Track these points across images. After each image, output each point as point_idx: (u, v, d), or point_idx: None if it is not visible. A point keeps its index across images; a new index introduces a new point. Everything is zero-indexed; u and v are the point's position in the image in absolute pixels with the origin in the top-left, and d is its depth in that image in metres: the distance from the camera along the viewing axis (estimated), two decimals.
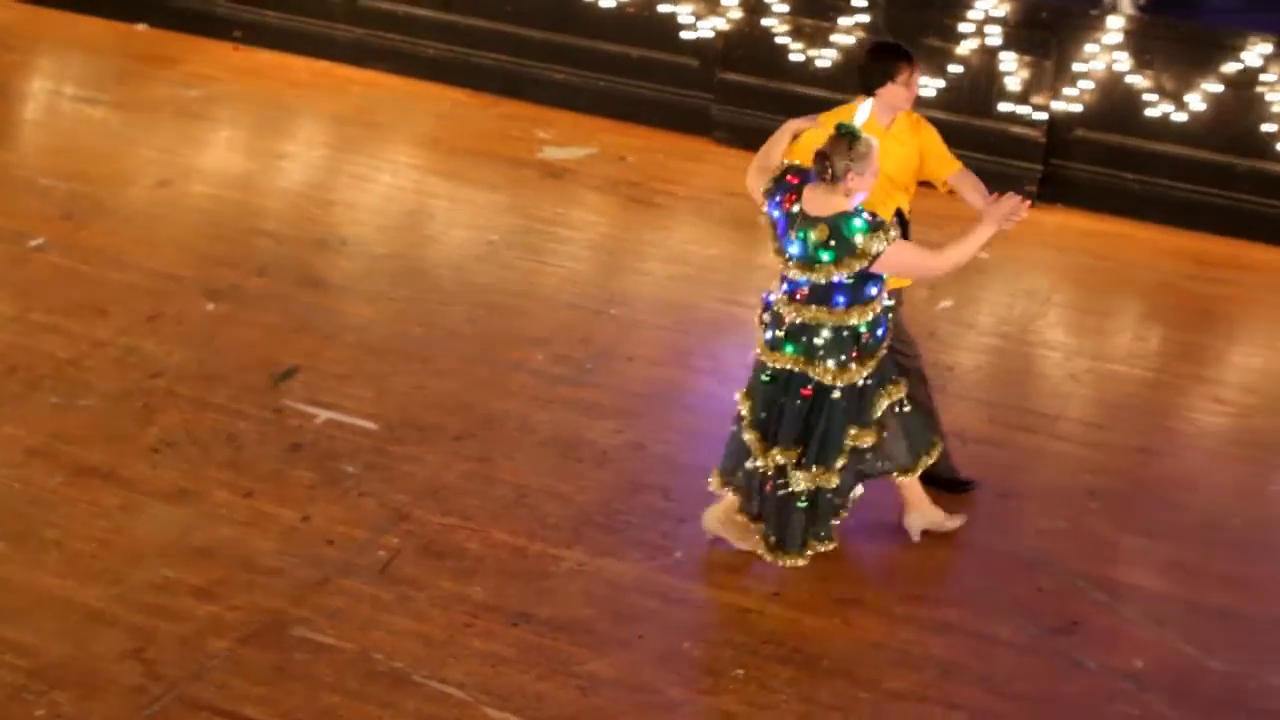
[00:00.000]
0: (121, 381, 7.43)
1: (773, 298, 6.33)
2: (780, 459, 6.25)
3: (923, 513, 6.62)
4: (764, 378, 6.31)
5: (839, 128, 6.01)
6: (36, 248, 8.44)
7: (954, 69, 9.40)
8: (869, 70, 6.59)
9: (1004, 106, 9.35)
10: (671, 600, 6.30)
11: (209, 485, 6.80)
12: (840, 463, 6.24)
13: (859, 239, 5.98)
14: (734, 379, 7.62)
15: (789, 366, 6.21)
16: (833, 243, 6.00)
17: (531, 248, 8.75)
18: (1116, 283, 8.73)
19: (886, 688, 5.89)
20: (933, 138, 6.70)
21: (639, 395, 7.54)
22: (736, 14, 9.79)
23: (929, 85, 9.43)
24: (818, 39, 9.65)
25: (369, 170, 9.47)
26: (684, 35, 9.98)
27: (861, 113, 6.32)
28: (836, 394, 6.17)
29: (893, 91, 6.51)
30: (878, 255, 6.01)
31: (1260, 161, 9.02)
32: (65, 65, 10.70)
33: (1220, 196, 9.13)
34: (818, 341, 6.14)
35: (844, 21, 9.55)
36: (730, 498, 6.52)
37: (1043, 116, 9.32)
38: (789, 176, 6.21)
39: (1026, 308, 8.44)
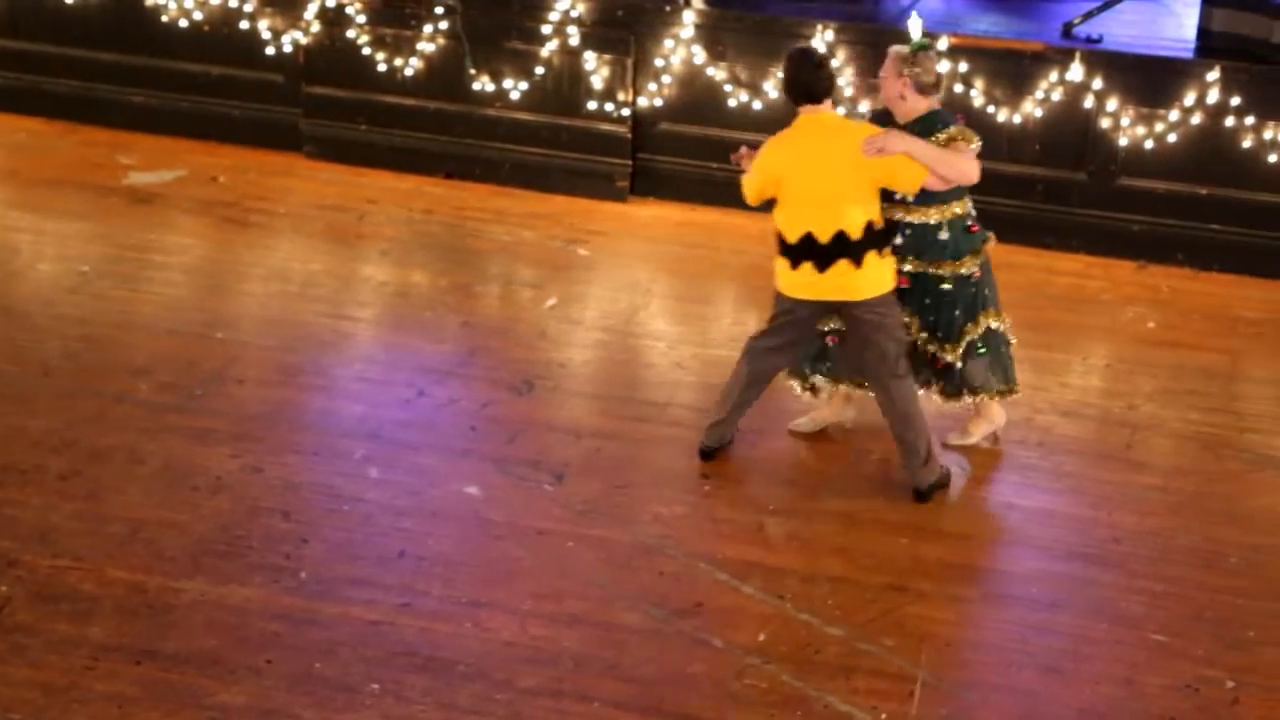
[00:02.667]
0: None
1: None
2: None
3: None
4: None
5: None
6: None
7: (539, 70, 9.53)
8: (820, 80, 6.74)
9: (591, 105, 9.53)
10: (299, 622, 6.22)
11: None
12: None
13: None
14: (345, 393, 7.63)
15: None
16: None
17: (125, 276, 8.52)
18: (711, 269, 9.00)
19: (521, 686, 5.95)
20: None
21: (252, 418, 7.42)
22: (316, 27, 9.72)
23: (515, 88, 9.55)
24: (402, 48, 9.66)
25: None
26: (266, 51, 9.85)
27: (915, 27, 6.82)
28: None
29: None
30: None
31: None
32: None
33: None
34: None
35: (426, 29, 9.58)
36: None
37: (627, 113, 9.54)
38: None
39: (629, 300, 8.62)
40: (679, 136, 9.61)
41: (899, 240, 6.97)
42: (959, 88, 9.08)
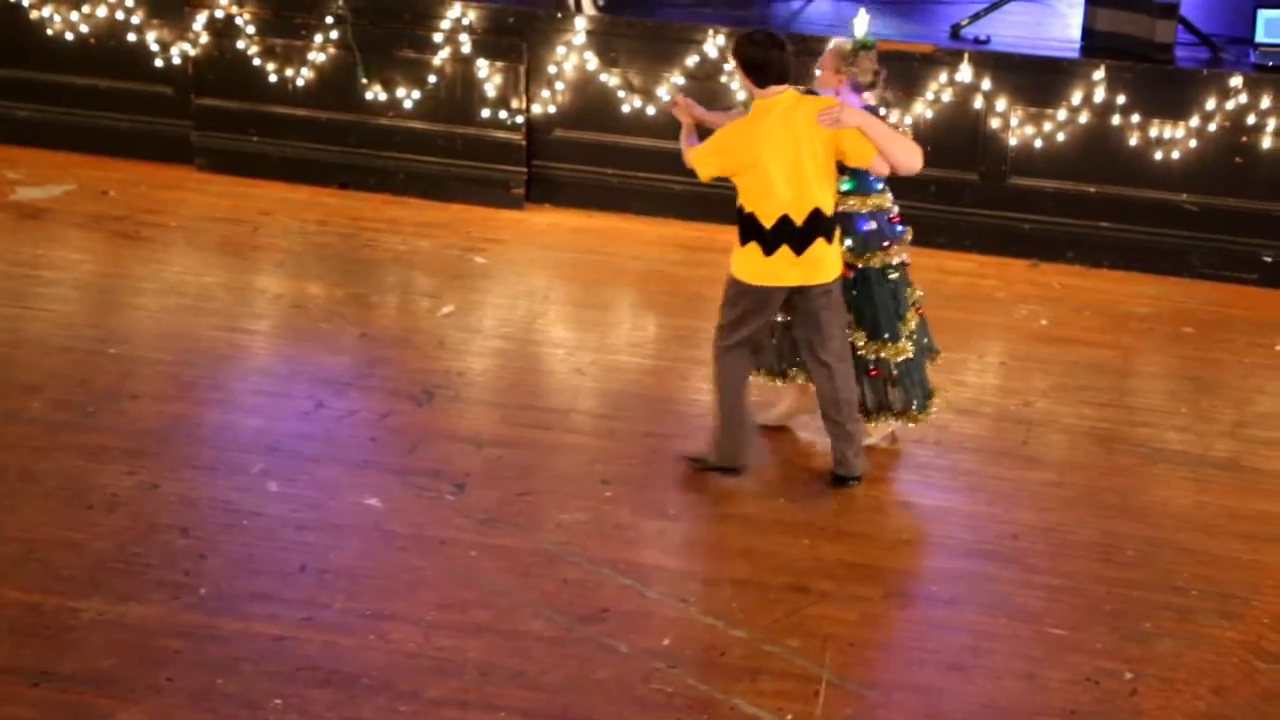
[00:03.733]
0: None
1: None
2: None
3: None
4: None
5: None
6: None
7: (431, 79, 9.51)
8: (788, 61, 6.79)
9: (484, 113, 9.51)
10: (199, 638, 6.16)
11: None
12: None
13: None
14: (243, 407, 7.56)
15: None
16: None
17: (14, 293, 8.40)
18: (609, 275, 9.01)
19: (427, 697, 5.92)
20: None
21: (148, 433, 7.34)
22: (205, 38, 9.64)
23: (407, 97, 9.52)
24: (292, 58, 9.59)
25: None
26: (155, 63, 9.75)
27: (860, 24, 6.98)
28: None
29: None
30: None
31: None
32: None
33: (696, 184, 9.49)
34: None
35: (317, 39, 9.52)
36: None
37: (521, 120, 9.53)
38: None
39: (528, 308, 8.61)
40: (573, 143, 9.61)
41: None
42: None
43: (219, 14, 9.55)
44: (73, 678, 5.92)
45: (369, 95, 9.57)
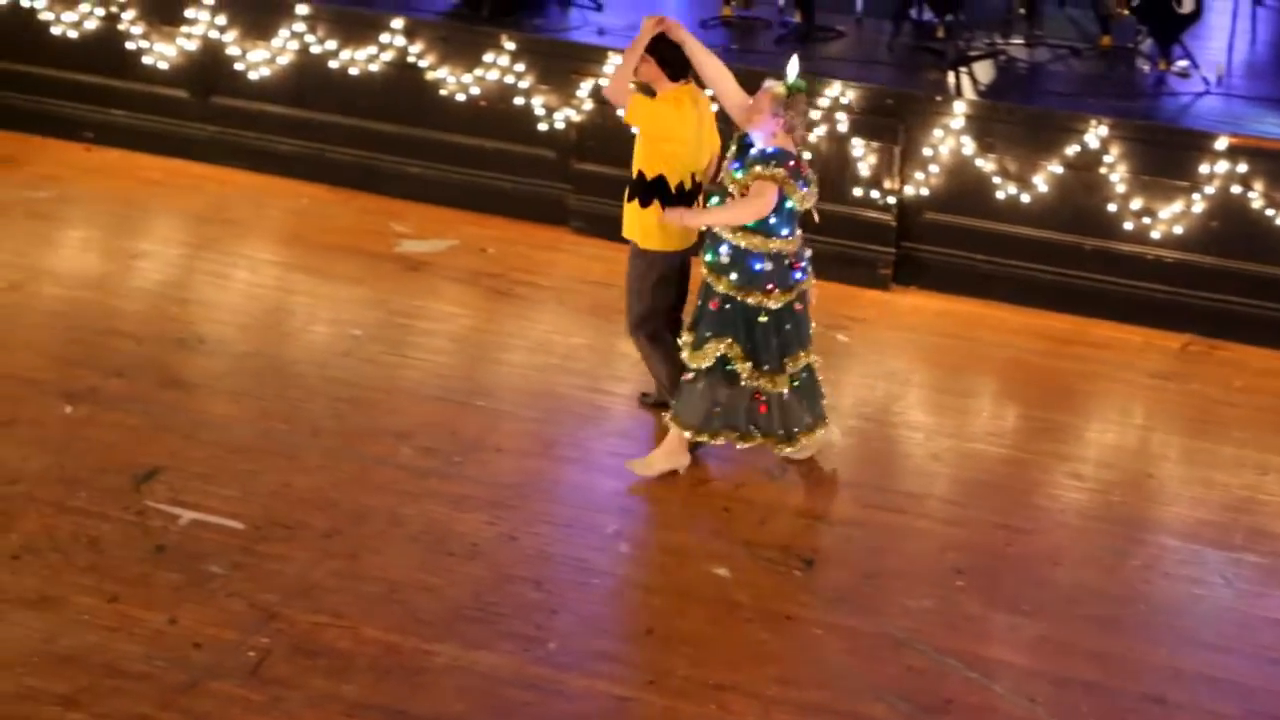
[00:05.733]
0: None
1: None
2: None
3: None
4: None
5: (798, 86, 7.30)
6: None
7: (805, 155, 9.54)
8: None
9: (856, 191, 9.53)
10: (547, 692, 6.28)
11: (71, 590, 6.68)
12: None
13: None
14: (601, 468, 7.70)
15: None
16: None
17: (394, 342, 8.74)
18: (971, 362, 8.91)
19: None
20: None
21: (508, 487, 7.53)
22: (589, 105, 9.90)
23: None
24: None
25: (226, 267, 9.41)
26: (539, 127, 10.06)
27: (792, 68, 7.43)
28: None
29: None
30: None
31: (1104, 241, 9.27)
32: None
33: (1067, 275, 9.37)
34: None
35: None
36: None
37: (893, 200, 9.52)
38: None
39: (887, 388, 8.57)
40: (944, 226, 9.55)
41: (723, 257, 7.40)
42: (1237, 188, 8.89)
43: (603, 82, 9.80)
44: (424, 719, 6.09)
45: None
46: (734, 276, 7.38)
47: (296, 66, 10.44)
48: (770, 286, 7.38)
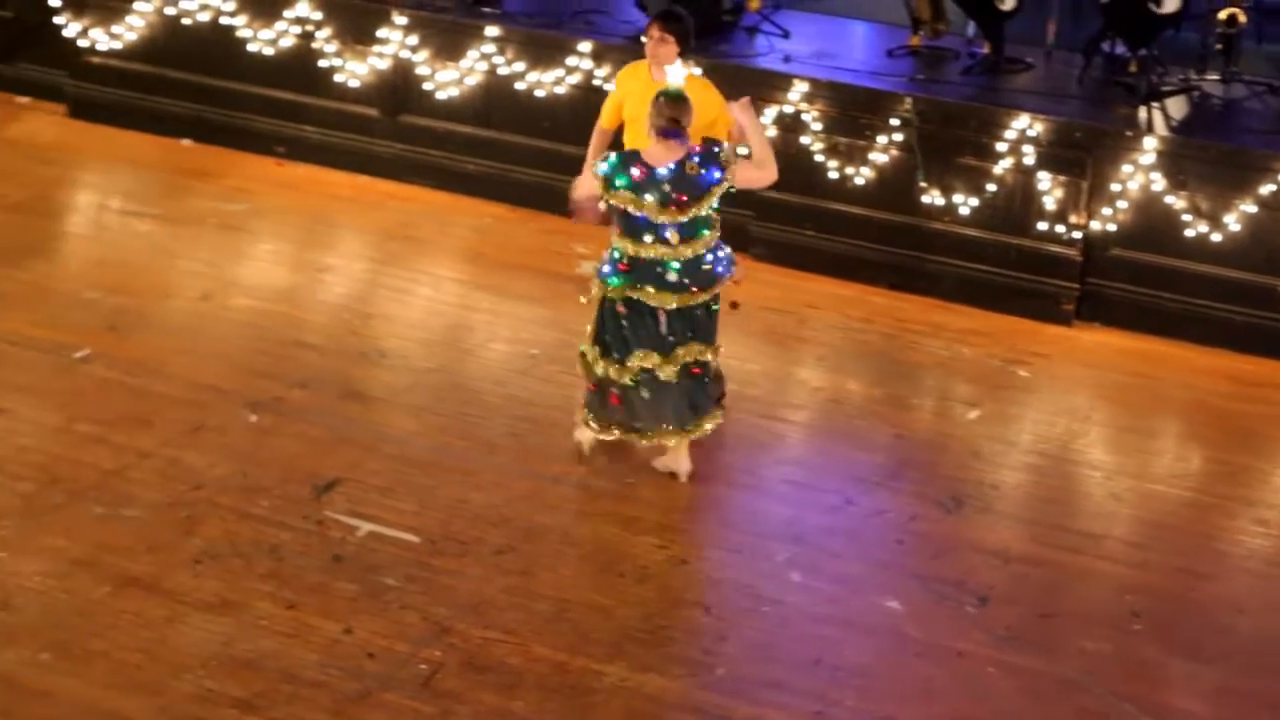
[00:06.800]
0: (164, 492, 7.46)
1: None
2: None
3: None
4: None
5: (670, 93, 7.29)
6: (82, 359, 8.51)
7: (990, 187, 9.47)
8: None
9: (1041, 225, 9.41)
10: (714, 717, 6.28)
11: (251, 596, 6.82)
12: None
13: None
14: (774, 495, 7.69)
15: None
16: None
17: (570, 362, 8.70)
18: (1155, 402, 8.74)
19: None
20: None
21: (681, 509, 7.55)
22: (772, 132, 9.89)
23: (964, 203, 9.51)
24: (854, 156, 9.74)
25: (410, 284, 9.55)
26: None
27: (676, 74, 7.45)
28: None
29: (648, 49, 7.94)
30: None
31: None
32: (111, 179, 10.83)
33: (1257, 316, 9.16)
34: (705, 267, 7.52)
35: (880, 140, 9.64)
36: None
37: (1079, 235, 9.38)
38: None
39: (1067, 425, 8.44)
40: (1131, 263, 9.39)
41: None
42: None
43: (788, 109, 9.80)
44: None
45: (926, 199, 9.62)
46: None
47: (484, 87, 10.57)
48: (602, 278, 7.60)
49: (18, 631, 6.53)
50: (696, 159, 7.34)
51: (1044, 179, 9.37)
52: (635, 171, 7.33)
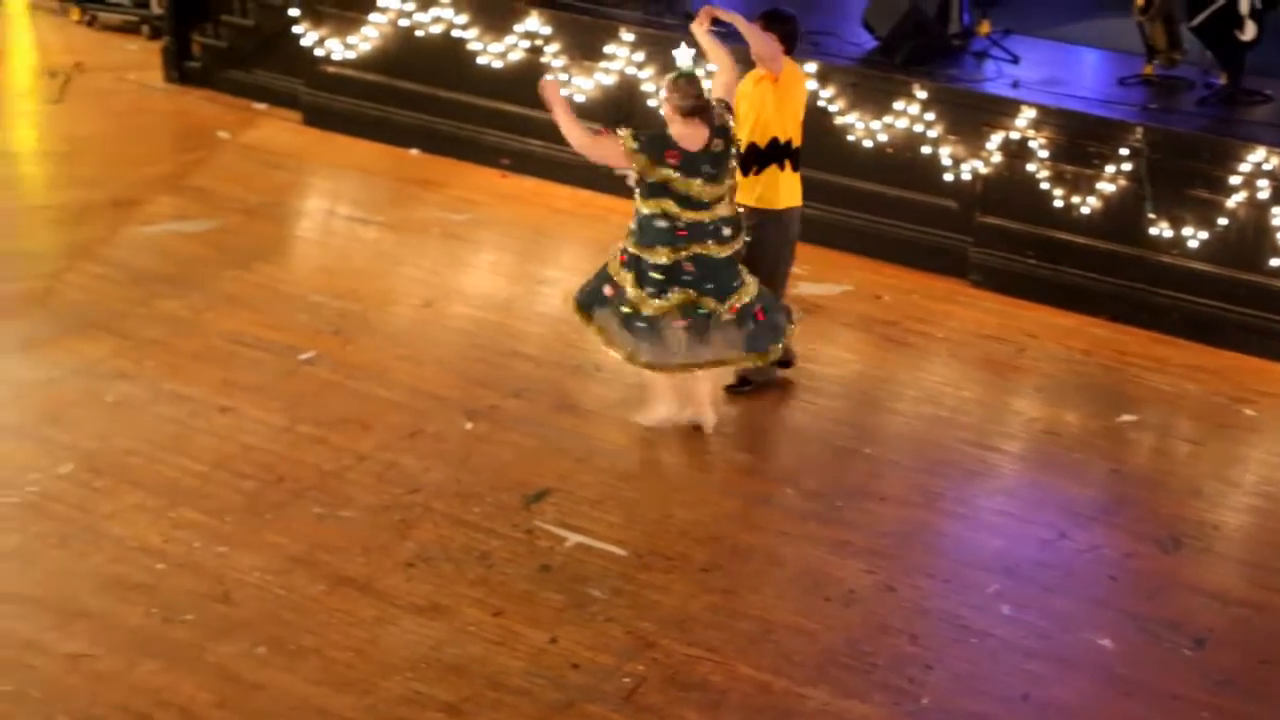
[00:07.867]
0: (381, 495, 7.60)
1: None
2: None
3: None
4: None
5: (686, 73, 7.90)
6: (306, 361, 8.72)
7: (1222, 221, 9.24)
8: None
9: (1274, 262, 9.15)
10: None
11: (460, 602, 6.91)
12: None
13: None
14: (985, 525, 7.59)
15: None
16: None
17: (784, 383, 8.77)
18: None
19: None
20: None
21: (889, 535, 7.48)
22: (997, 158, 9.78)
23: (1193, 237, 9.29)
24: (1080, 186, 9.58)
25: None
26: (944, 177, 9.99)
27: (684, 56, 8.44)
28: None
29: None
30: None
31: None
32: (340, 186, 11.10)
33: None
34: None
35: (1108, 169, 9.46)
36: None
37: None
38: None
39: None
40: None
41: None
42: None
43: (1014, 135, 9.67)
44: None
45: (1153, 231, 9.42)
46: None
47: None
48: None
49: (236, 625, 6.70)
50: (719, 137, 7.80)
51: (1278, 214, 9.12)
52: (671, 158, 7.69)
